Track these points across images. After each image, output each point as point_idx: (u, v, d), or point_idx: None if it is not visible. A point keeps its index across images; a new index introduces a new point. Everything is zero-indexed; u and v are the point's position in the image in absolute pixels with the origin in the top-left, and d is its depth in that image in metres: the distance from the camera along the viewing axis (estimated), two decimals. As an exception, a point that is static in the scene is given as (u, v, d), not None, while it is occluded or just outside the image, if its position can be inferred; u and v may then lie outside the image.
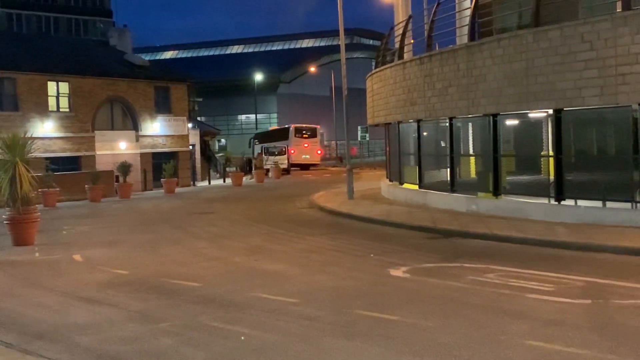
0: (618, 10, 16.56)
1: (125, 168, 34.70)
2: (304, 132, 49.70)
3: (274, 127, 64.36)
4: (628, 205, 15.74)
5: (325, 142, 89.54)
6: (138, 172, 39.05)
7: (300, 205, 25.94)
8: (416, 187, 23.44)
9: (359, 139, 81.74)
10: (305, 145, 48.00)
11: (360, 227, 18.73)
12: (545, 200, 17.59)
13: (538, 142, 18.48)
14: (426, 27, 23.50)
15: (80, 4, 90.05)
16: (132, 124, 41.21)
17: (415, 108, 22.79)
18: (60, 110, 37.73)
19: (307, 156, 48.63)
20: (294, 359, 7.11)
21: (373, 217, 19.85)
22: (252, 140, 56.74)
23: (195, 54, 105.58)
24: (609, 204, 16.16)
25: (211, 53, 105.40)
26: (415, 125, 23.59)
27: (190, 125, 46.28)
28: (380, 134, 37.84)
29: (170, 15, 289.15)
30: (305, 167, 50.01)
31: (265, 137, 57.91)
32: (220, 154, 61.14)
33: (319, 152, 47.75)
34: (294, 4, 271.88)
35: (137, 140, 41.03)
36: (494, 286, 10.33)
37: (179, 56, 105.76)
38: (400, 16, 29.25)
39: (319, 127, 53.70)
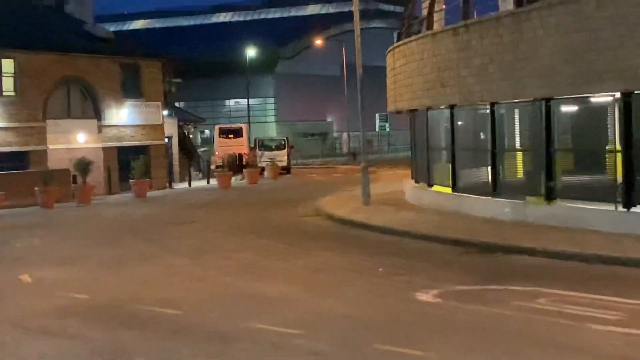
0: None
1: (84, 166, 34.76)
2: (229, 133, 56.08)
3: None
4: None
5: (335, 134, 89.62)
6: (101, 171, 39.13)
7: (303, 212, 25.99)
8: (449, 190, 23.46)
9: (377, 129, 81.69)
10: (231, 145, 53.59)
11: (378, 240, 18.77)
12: (610, 207, 17.58)
13: (602, 134, 18.46)
14: (461, -11, 23.51)
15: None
16: (94, 111, 41.27)
17: (447, 91, 22.81)
18: (4, 94, 37.79)
19: None
20: (297, 404, 7.17)
21: (395, 228, 19.88)
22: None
23: (172, 24, 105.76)
24: (691, 212, 16.15)
25: (192, 23, 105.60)
26: (447, 112, 23.61)
27: (166, 112, 46.35)
28: (404, 123, 37.84)
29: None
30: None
31: None
32: (204, 149, 61.28)
33: (245, 152, 52.24)
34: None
35: (99, 131, 41.10)
36: (547, 314, 10.36)
37: (152, 27, 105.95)
38: (428, -24, 29.27)
39: (244, 126, 58.34)
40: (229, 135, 55.90)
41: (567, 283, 12.52)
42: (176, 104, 62.63)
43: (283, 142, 54.59)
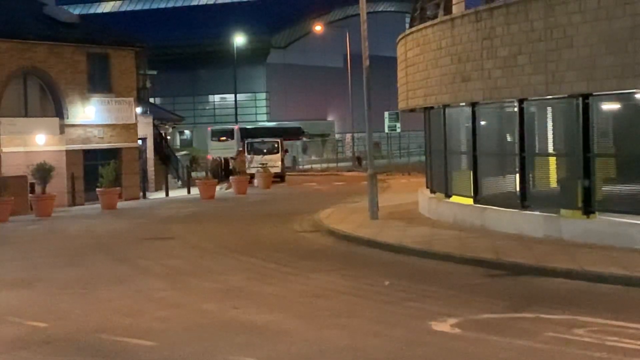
0: None
1: (44, 172, 34.72)
2: (220, 135, 59.81)
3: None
4: None
5: (337, 135, 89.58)
6: (64, 179, 39.11)
7: (300, 227, 25.97)
8: (470, 201, 23.43)
9: (387, 130, 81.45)
10: (222, 149, 56.94)
11: (388, 260, 18.76)
12: (660, 222, 17.57)
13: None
14: (485, -33, 23.54)
15: None
16: (55, 108, 41.24)
17: (468, 86, 22.80)
18: (-51, 88, 37.77)
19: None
20: None
21: (407, 246, 19.87)
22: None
23: (147, 7, 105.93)
24: None
25: (171, 5, 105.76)
26: (468, 110, 23.59)
27: (139, 110, 46.35)
28: (418, 123, 37.87)
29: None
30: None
31: None
32: (184, 152, 61.27)
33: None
34: None
35: (62, 131, 41.06)
36: (586, 347, 10.31)
37: (123, 9, 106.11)
38: (447, -49, 29.30)
39: (237, 127, 61.33)
40: (221, 138, 57.33)
41: (609, 311, 12.47)
42: (151, 100, 62.71)
43: (276, 145, 54.50)
